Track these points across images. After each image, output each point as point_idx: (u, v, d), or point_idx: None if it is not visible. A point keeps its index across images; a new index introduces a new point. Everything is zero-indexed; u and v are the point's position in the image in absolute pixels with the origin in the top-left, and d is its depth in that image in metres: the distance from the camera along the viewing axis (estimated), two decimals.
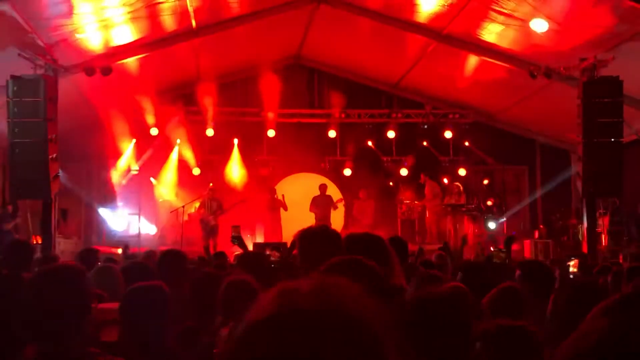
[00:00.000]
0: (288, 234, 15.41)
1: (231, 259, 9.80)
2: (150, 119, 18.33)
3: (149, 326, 3.31)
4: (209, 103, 18.41)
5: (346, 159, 19.75)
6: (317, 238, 3.31)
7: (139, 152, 18.55)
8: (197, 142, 18.93)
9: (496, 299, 4.01)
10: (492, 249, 15.03)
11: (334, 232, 3.47)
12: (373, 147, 19.72)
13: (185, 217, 17.69)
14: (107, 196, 18.27)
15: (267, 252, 11.70)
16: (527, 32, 13.44)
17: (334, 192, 18.89)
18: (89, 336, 2.75)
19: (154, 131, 18.49)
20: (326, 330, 0.99)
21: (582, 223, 14.81)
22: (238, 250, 9.29)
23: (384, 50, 17.23)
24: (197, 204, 17.89)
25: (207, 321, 4.18)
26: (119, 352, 2.89)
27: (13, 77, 12.33)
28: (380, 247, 3.45)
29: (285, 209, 18.06)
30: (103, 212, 18.14)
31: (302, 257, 3.34)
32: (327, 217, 17.88)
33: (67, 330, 2.61)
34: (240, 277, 4.10)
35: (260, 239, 17.39)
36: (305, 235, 3.35)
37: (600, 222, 15.43)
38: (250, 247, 14.43)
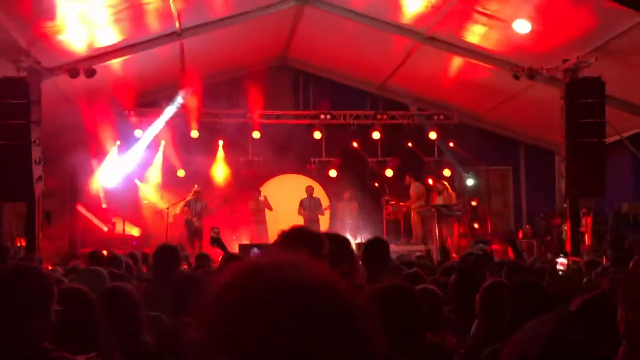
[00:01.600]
0: (274, 236, 15.39)
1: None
2: (134, 120, 18.29)
3: (124, 324, 3.36)
4: (193, 104, 18.38)
5: (331, 160, 19.78)
6: (296, 238, 3.35)
7: (123, 153, 18.48)
8: (182, 143, 18.89)
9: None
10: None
11: (314, 232, 3.52)
12: (358, 148, 19.75)
13: (170, 219, 17.63)
14: (92, 198, 18.19)
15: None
16: (510, 34, 13.52)
17: (319, 193, 18.92)
18: (44, 333, 2.81)
19: (138, 133, 18.44)
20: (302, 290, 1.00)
21: (565, 223, 14.92)
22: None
23: (369, 51, 17.27)
24: (181, 205, 17.86)
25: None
26: None
27: None
28: (345, 247, 3.59)
29: (271, 209, 18.08)
30: (87, 214, 18.05)
31: None
32: (315, 219, 17.91)
33: (19, 326, 2.71)
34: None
35: (246, 241, 17.35)
36: (285, 236, 3.39)
37: (583, 222, 15.54)
38: (236, 249, 14.42)
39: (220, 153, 19.24)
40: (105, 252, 14.44)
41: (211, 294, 1.04)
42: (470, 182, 18.32)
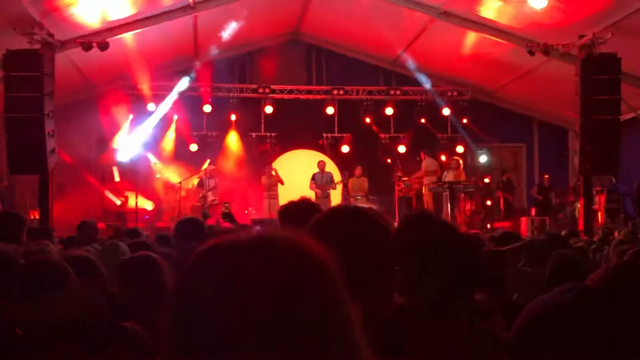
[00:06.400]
0: None
1: None
2: (147, 94, 18.28)
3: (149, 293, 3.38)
4: (206, 79, 18.36)
5: (344, 135, 19.74)
6: (297, 211, 3.34)
7: (136, 127, 18.52)
8: (195, 118, 18.91)
9: None
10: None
11: (314, 204, 3.51)
12: (371, 124, 19.68)
13: (183, 193, 17.70)
14: (104, 172, 18.28)
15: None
16: (526, 9, 13.37)
17: (331, 169, 18.89)
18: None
19: (151, 107, 18.46)
20: (276, 251, 1.03)
21: (578, 200, 14.86)
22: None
23: (382, 26, 17.10)
24: (195, 181, 17.92)
25: None
26: None
27: (9, 51, 12.28)
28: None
29: (282, 182, 18.07)
30: (100, 187, 18.14)
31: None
32: (327, 194, 17.90)
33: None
34: None
35: (258, 216, 17.38)
36: (286, 209, 3.38)
37: (597, 199, 15.48)
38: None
39: (233, 128, 19.24)
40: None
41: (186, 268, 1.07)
42: (483, 158, 18.26)
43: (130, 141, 18.19)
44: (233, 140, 19.24)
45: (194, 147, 18.92)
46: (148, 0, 14.07)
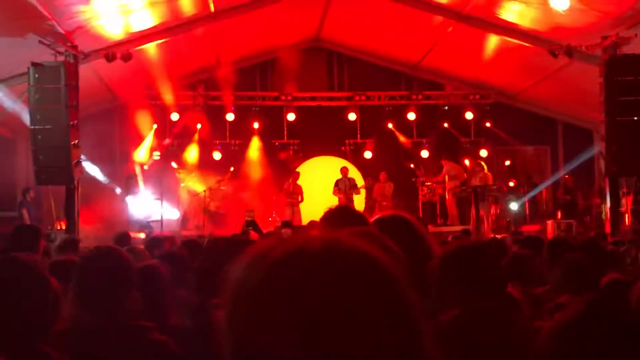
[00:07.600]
0: (307, 218, 15.44)
1: None
2: (170, 104, 18.41)
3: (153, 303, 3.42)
4: (228, 87, 18.45)
5: (366, 141, 19.71)
6: (341, 217, 3.23)
7: (160, 137, 18.66)
8: (218, 126, 19.00)
9: None
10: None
11: (356, 211, 3.43)
12: (394, 129, 19.63)
13: (208, 200, 17.79)
14: (130, 182, 18.38)
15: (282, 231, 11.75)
16: (548, 10, 13.27)
17: (354, 175, 18.88)
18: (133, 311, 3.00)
19: (174, 116, 18.59)
20: (338, 261, 1.00)
21: (605, 203, 14.70)
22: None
23: (403, 31, 17.11)
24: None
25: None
26: None
27: (34, 64, 12.42)
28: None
29: (302, 198, 18.04)
30: (126, 198, 18.25)
31: None
32: (351, 200, 17.88)
33: (113, 302, 2.92)
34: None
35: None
36: (328, 215, 3.28)
37: (623, 201, 15.29)
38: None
39: (256, 135, 19.30)
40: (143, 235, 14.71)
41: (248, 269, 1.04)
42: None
43: (154, 151, 18.32)
44: (256, 148, 19.30)
45: (217, 156, 19.00)
46: (170, 10, 14.16)
